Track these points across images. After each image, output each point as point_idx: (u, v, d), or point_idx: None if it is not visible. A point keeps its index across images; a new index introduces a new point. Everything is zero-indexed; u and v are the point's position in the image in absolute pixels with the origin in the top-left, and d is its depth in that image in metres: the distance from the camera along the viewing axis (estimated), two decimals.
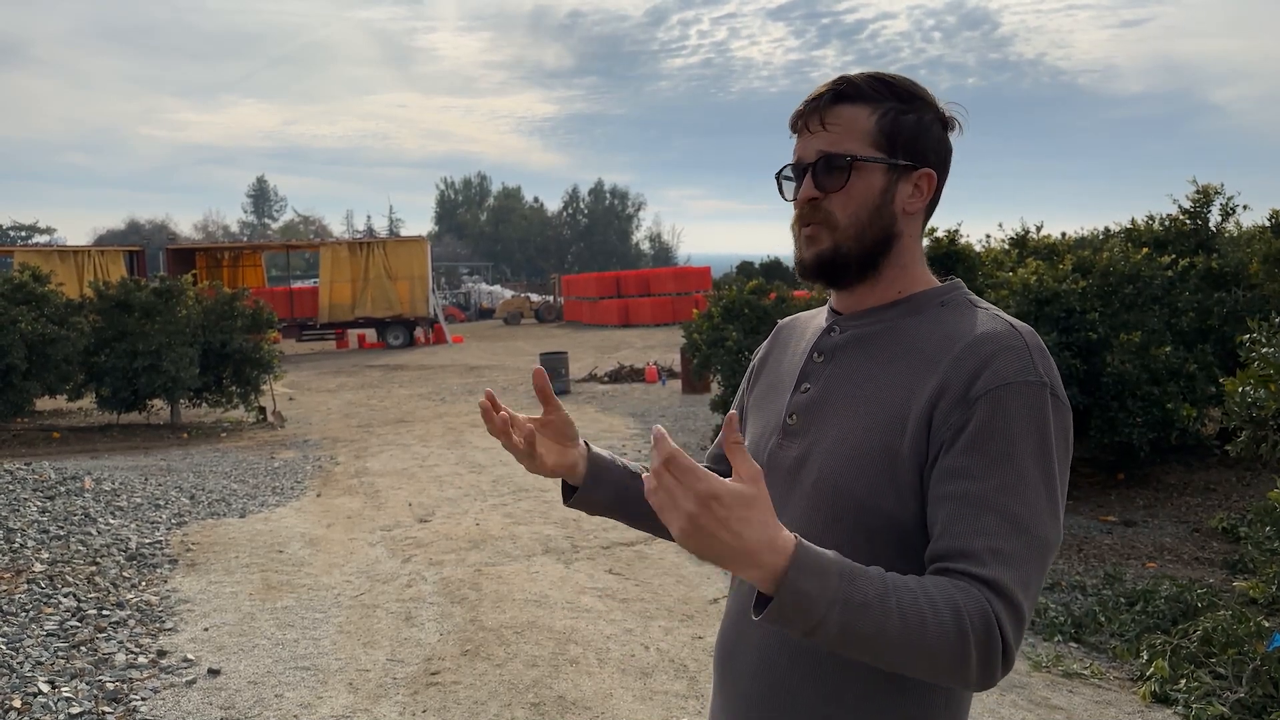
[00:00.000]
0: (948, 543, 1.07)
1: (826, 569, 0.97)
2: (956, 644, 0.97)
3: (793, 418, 1.28)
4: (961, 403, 1.11)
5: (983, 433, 1.09)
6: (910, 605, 0.98)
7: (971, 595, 1.01)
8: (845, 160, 1.22)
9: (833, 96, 1.24)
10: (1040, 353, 1.14)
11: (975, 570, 1.03)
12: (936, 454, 1.12)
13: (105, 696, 3.85)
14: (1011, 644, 1.01)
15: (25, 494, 6.64)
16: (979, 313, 1.21)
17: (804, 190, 1.25)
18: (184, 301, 11.87)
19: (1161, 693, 3.91)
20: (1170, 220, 9.03)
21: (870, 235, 1.23)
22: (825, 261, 1.25)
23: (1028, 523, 1.06)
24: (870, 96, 1.24)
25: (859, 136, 1.23)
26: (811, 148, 1.25)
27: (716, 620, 4.73)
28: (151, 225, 65.30)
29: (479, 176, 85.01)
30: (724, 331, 9.83)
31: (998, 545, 1.05)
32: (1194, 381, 6.90)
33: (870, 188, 1.23)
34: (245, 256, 29.05)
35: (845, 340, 1.28)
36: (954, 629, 0.97)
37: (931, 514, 1.12)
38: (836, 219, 1.23)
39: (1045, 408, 1.10)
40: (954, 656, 0.98)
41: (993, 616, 1.00)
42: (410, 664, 4.23)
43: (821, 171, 1.23)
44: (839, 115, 1.24)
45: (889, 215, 1.24)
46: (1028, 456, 1.08)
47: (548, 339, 26.60)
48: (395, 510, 7.31)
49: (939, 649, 0.97)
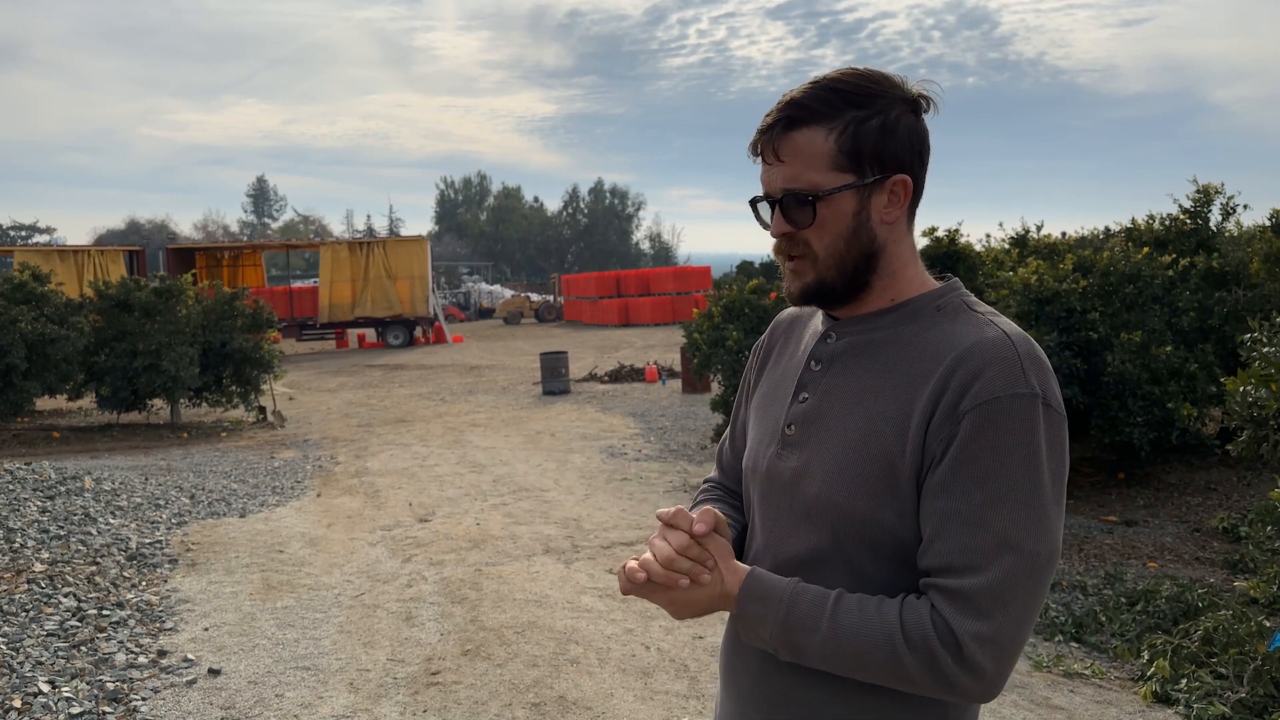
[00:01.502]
0: (930, 559, 1.10)
1: (769, 595, 1.15)
2: (886, 657, 1.07)
3: (791, 428, 1.26)
4: (951, 417, 1.10)
5: (969, 448, 1.08)
6: (845, 624, 1.10)
7: (917, 611, 1.08)
8: (808, 199, 1.17)
9: (784, 124, 1.18)
10: (1032, 361, 1.11)
11: (945, 583, 1.07)
12: (927, 468, 1.12)
13: (105, 696, 3.84)
14: (973, 653, 1.04)
15: (25, 494, 6.64)
16: (974, 318, 1.19)
17: (775, 226, 1.21)
18: (184, 301, 11.87)
19: (1162, 692, 3.91)
20: (1171, 220, 9.02)
21: (851, 260, 1.20)
22: (811, 293, 1.24)
23: (1012, 536, 1.06)
24: (823, 115, 1.16)
25: (819, 162, 1.17)
26: (774, 183, 1.20)
27: (717, 620, 4.73)
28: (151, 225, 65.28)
29: (479, 176, 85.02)
30: (724, 331, 9.83)
31: (975, 562, 1.06)
32: (1195, 381, 6.90)
33: (842, 214, 1.18)
34: (245, 256, 29.06)
35: (842, 348, 1.25)
36: (882, 643, 1.08)
37: (921, 527, 1.13)
38: (813, 250, 1.20)
39: (1035, 420, 1.08)
40: (888, 668, 1.08)
41: (931, 628, 1.06)
42: (411, 664, 4.22)
43: (787, 207, 1.19)
44: (793, 144, 1.17)
45: (867, 234, 1.20)
46: (1016, 470, 1.07)
47: (548, 339, 26.60)
48: (395, 510, 7.31)
49: (872, 661, 1.09)
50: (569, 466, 9.08)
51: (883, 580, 1.17)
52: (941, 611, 1.06)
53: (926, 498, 1.11)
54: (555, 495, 7.78)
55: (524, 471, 8.83)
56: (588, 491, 7.96)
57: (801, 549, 1.21)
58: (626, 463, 9.28)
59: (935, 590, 1.08)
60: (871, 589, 1.16)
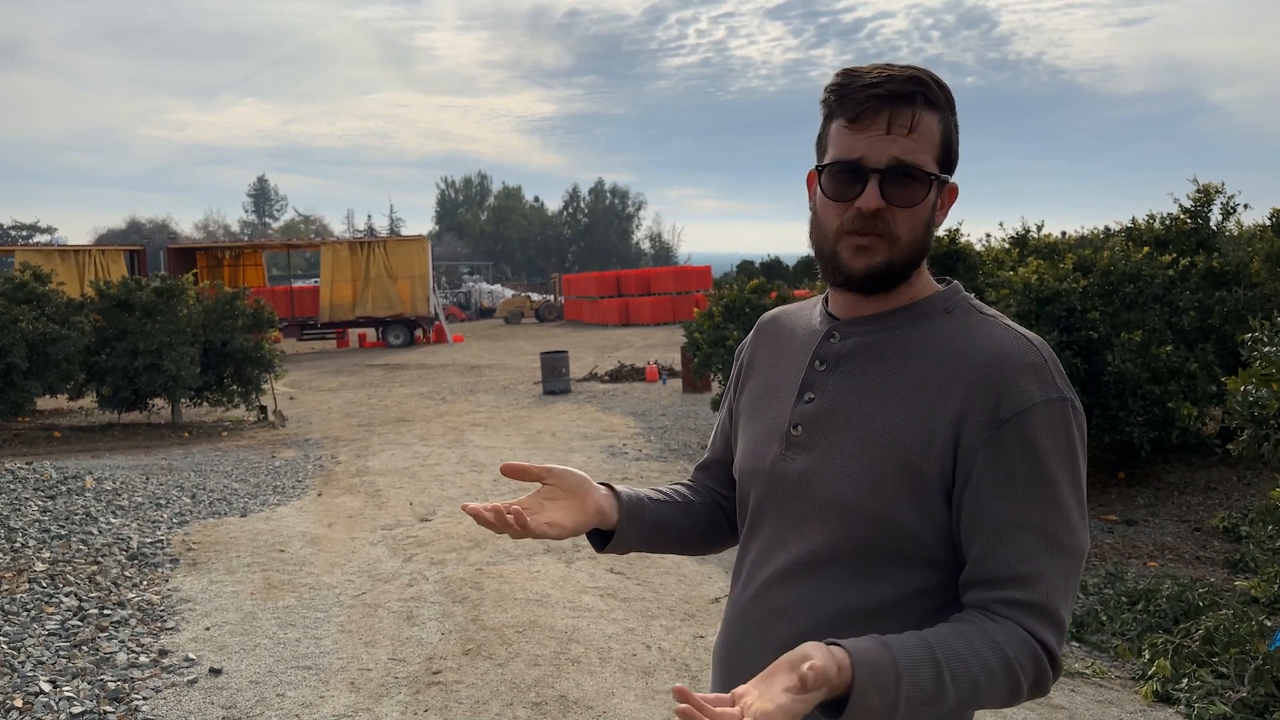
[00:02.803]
0: (991, 568, 1.11)
1: (883, 677, 0.99)
2: (1009, 689, 1.07)
3: (798, 429, 1.24)
4: (990, 424, 1.11)
5: (1015, 455, 1.10)
6: (963, 676, 1.04)
7: (1017, 636, 1.08)
8: (927, 177, 1.16)
9: (922, 100, 1.14)
10: (1056, 365, 1.16)
11: (1019, 596, 1.09)
12: (967, 474, 1.12)
13: (107, 696, 3.85)
14: (1059, 658, 1.10)
15: (26, 493, 6.65)
16: (987, 321, 1.20)
17: (867, 198, 1.14)
18: (185, 301, 11.87)
19: (1163, 692, 3.91)
20: (1171, 219, 9.02)
21: (920, 251, 1.20)
22: (879, 275, 1.18)
23: (1065, 539, 1.10)
24: (940, 104, 1.17)
25: (931, 148, 1.16)
26: (884, 152, 1.14)
27: (718, 619, 4.73)
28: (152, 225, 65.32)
29: (479, 176, 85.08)
30: (725, 331, 9.84)
31: (1039, 568, 1.09)
32: (1195, 380, 6.90)
33: (929, 203, 1.18)
34: (246, 256, 29.05)
35: (849, 348, 1.24)
36: (1006, 681, 1.06)
37: (967, 536, 1.13)
38: (896, 233, 1.17)
39: (1070, 424, 1.13)
40: (1010, 696, 1.08)
41: (1038, 648, 1.08)
42: (412, 663, 4.23)
43: (892, 182, 1.14)
44: (924, 122, 1.15)
45: (929, 230, 1.21)
46: (1060, 474, 1.11)
47: (548, 338, 26.59)
48: (396, 509, 7.31)
49: (996, 697, 1.08)
50: (570, 466, 9.07)
51: (889, 580, 1.17)
52: (1033, 631, 1.09)
53: (972, 505, 1.12)
54: None
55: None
56: None
57: (808, 550, 1.21)
58: (627, 462, 9.28)
59: (1013, 606, 1.09)
60: (877, 588, 1.17)
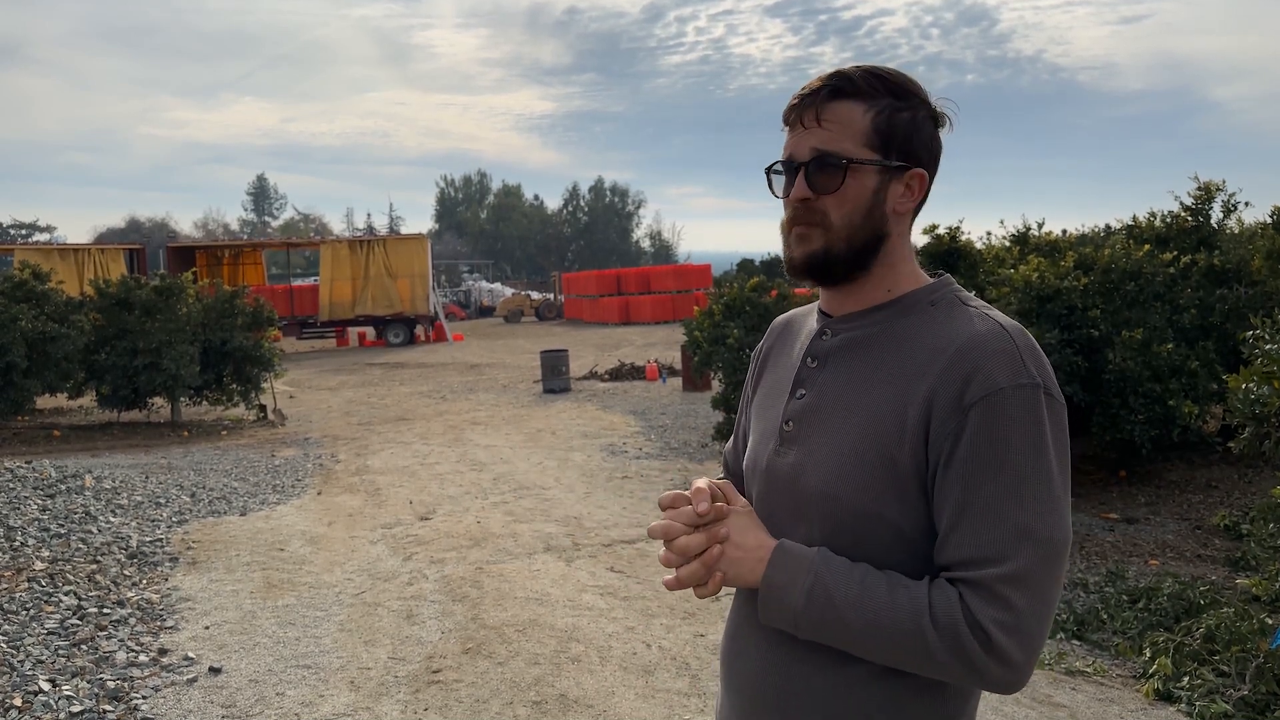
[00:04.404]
0: (949, 553, 1.12)
1: (797, 564, 1.15)
2: (914, 638, 1.08)
3: (789, 424, 1.28)
4: (955, 411, 1.12)
5: (978, 441, 1.10)
6: (874, 600, 1.10)
7: (946, 596, 1.08)
8: (841, 162, 1.20)
9: (829, 92, 1.21)
10: (1030, 352, 1.15)
11: (969, 575, 1.09)
12: (936, 462, 1.14)
13: (106, 695, 3.84)
14: (1001, 642, 1.06)
15: (26, 492, 6.64)
16: (968, 313, 1.21)
17: (796, 190, 1.22)
18: (184, 299, 11.87)
19: (1164, 690, 3.91)
20: (1172, 217, 9.02)
21: (861, 236, 1.22)
22: (816, 262, 1.24)
23: (1029, 525, 1.09)
24: (866, 93, 1.21)
25: (854, 135, 1.21)
26: (805, 145, 1.22)
27: (719, 618, 4.73)
28: (152, 223, 65.31)
29: (479, 174, 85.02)
30: (725, 329, 9.83)
31: (993, 551, 1.08)
32: (1196, 378, 6.90)
33: (863, 189, 1.21)
34: (246, 254, 29.06)
35: (837, 344, 1.27)
36: (910, 624, 1.08)
37: (935, 523, 1.15)
38: (829, 220, 1.22)
39: (1039, 409, 1.12)
40: (914, 649, 1.08)
41: (961, 616, 1.07)
42: (412, 662, 4.22)
43: (814, 171, 1.21)
44: (834, 112, 1.21)
45: (880, 216, 1.23)
46: (1025, 459, 1.10)
47: (548, 337, 26.59)
48: (396, 508, 7.31)
49: (898, 641, 1.09)
50: (570, 464, 9.08)
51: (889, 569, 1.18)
52: (968, 602, 1.07)
53: (939, 491, 1.13)
54: (556, 493, 7.78)
55: (524, 470, 8.83)
56: (588, 489, 7.95)
57: (803, 543, 1.22)
58: (627, 461, 9.28)
59: (960, 583, 1.09)
60: None
